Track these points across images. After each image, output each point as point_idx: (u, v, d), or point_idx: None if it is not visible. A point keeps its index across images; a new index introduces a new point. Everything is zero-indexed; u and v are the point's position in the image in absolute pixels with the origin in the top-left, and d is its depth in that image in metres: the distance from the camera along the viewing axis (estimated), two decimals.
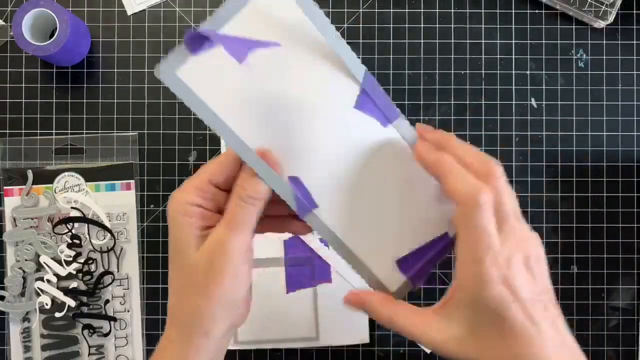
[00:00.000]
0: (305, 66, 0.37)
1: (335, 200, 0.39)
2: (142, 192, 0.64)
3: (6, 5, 0.64)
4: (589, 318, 0.64)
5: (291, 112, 0.37)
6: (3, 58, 0.64)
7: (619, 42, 0.64)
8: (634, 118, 0.64)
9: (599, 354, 0.63)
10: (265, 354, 0.64)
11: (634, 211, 0.64)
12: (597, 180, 0.64)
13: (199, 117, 0.35)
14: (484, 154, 0.37)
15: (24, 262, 0.62)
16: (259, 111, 0.37)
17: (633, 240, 0.64)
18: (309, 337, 0.63)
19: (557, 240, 0.64)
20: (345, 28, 0.64)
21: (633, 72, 0.64)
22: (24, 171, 0.63)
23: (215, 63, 0.35)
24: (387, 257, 0.40)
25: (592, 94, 0.64)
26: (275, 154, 0.37)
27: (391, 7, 0.64)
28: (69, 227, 0.63)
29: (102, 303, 0.63)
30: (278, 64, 0.37)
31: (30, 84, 0.64)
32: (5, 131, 0.64)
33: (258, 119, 0.37)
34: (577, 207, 0.64)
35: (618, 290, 0.64)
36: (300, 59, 0.37)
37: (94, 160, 0.64)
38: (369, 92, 0.38)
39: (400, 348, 0.64)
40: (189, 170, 0.64)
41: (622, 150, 0.64)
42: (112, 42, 0.64)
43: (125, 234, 0.63)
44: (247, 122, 0.36)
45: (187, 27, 0.64)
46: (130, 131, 0.64)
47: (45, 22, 0.60)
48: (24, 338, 0.63)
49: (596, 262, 0.64)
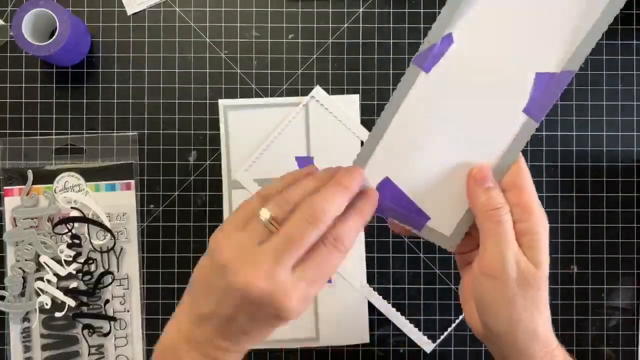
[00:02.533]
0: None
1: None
2: (142, 192, 0.64)
3: (6, 5, 0.64)
4: (589, 318, 0.64)
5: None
6: (3, 58, 0.64)
7: (619, 42, 0.64)
8: (634, 118, 0.64)
9: (599, 354, 0.63)
10: (265, 354, 0.64)
11: (634, 211, 0.64)
12: (597, 180, 0.64)
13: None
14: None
15: (24, 262, 0.62)
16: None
17: (633, 240, 0.64)
18: (309, 337, 0.63)
19: (557, 240, 0.64)
20: (345, 28, 0.64)
21: (633, 72, 0.64)
22: (24, 171, 0.63)
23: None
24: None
25: (592, 94, 0.64)
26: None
27: (391, 7, 0.64)
28: (69, 227, 0.63)
29: (102, 303, 0.63)
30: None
31: (30, 84, 0.64)
32: (5, 131, 0.64)
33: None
34: (577, 207, 0.64)
35: (618, 290, 0.64)
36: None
37: (94, 160, 0.64)
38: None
39: (400, 348, 0.64)
40: (189, 170, 0.64)
41: (622, 150, 0.64)
42: (112, 42, 0.64)
43: (125, 234, 0.63)
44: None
45: (187, 27, 0.64)
46: (130, 131, 0.64)
47: (45, 22, 0.60)
48: (24, 338, 0.63)
49: (596, 262, 0.64)
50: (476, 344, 0.63)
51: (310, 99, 0.63)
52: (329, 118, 0.63)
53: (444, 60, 0.41)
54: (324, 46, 0.64)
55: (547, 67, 0.40)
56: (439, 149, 0.42)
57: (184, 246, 0.64)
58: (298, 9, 0.64)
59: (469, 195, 0.41)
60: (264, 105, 0.64)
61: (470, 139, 0.41)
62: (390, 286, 0.64)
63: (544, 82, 0.40)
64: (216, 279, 0.38)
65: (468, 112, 0.41)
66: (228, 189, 0.64)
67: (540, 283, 0.40)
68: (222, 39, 0.64)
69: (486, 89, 0.41)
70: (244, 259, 0.37)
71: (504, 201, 0.40)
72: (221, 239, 0.39)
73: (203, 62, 0.64)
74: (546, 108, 0.40)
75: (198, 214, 0.64)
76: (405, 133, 0.42)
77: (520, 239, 0.40)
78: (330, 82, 0.64)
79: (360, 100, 0.64)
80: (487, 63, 0.41)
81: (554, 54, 0.40)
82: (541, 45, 0.40)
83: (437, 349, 0.63)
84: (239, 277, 0.37)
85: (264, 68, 0.64)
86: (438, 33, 0.41)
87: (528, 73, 0.40)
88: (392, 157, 0.41)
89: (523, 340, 0.40)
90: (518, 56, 0.40)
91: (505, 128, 0.41)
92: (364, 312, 0.63)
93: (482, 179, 0.41)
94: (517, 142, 0.41)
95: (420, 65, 0.41)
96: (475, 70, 0.41)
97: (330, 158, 0.62)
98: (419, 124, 0.42)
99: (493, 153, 0.41)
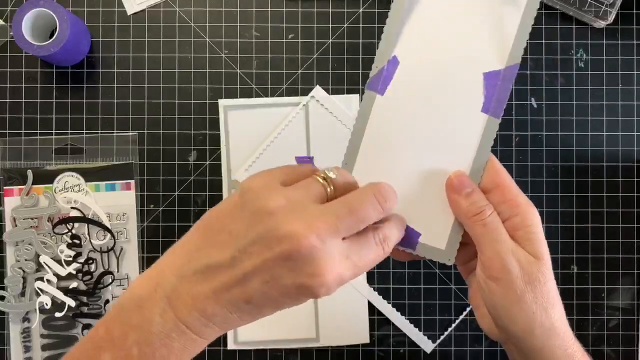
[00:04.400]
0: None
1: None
2: (142, 192, 0.64)
3: (6, 5, 0.64)
4: (589, 318, 0.64)
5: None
6: (3, 58, 0.64)
7: (619, 42, 0.64)
8: (634, 118, 0.64)
9: (599, 354, 0.63)
10: (265, 354, 0.64)
11: (634, 211, 0.64)
12: (597, 180, 0.64)
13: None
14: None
15: (24, 262, 0.62)
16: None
17: (633, 240, 0.64)
18: (309, 338, 0.63)
19: (557, 240, 0.64)
20: (345, 28, 0.64)
21: (633, 72, 0.64)
22: (24, 171, 0.63)
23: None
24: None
25: (592, 94, 0.64)
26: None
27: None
28: (68, 227, 0.63)
29: (102, 303, 0.63)
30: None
31: (30, 84, 0.64)
32: (5, 131, 0.64)
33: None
34: (577, 207, 0.64)
35: (618, 290, 0.64)
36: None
37: (93, 160, 0.64)
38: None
39: (400, 348, 0.64)
40: (189, 170, 0.64)
41: (622, 150, 0.64)
42: (112, 42, 0.64)
43: (125, 234, 0.63)
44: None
45: (187, 27, 0.64)
46: (130, 131, 0.64)
47: (45, 22, 0.60)
48: (24, 338, 0.63)
49: (596, 262, 0.64)
50: (476, 344, 0.63)
51: (310, 99, 0.63)
52: (329, 118, 0.63)
53: (395, 80, 0.42)
54: (324, 46, 0.64)
55: (492, 66, 0.42)
56: (412, 164, 0.42)
57: None
58: (298, 9, 0.64)
59: (452, 205, 0.41)
60: (264, 105, 0.64)
61: (440, 148, 0.42)
62: (390, 286, 0.64)
63: (492, 80, 0.41)
64: (248, 224, 0.34)
65: (430, 123, 0.42)
66: (228, 189, 0.64)
67: (546, 275, 0.40)
68: (222, 39, 0.64)
69: (441, 98, 0.42)
70: (298, 210, 0.34)
71: (486, 202, 0.40)
72: (264, 188, 0.35)
73: (203, 62, 0.64)
74: (502, 103, 0.41)
75: (198, 214, 0.64)
76: (376, 155, 0.43)
77: (515, 235, 0.40)
78: (330, 82, 0.64)
79: (360, 101, 0.63)
80: (436, 74, 0.42)
81: (495, 52, 0.41)
82: (481, 46, 0.42)
83: (437, 349, 0.63)
84: (288, 225, 0.33)
85: (264, 68, 0.64)
86: (383, 57, 0.43)
87: (476, 75, 0.42)
88: (368, 180, 0.41)
89: (541, 336, 0.40)
90: (463, 61, 0.42)
91: (469, 131, 0.42)
92: (364, 312, 0.63)
93: (460, 185, 0.41)
94: (484, 142, 0.42)
95: (375, 89, 0.43)
96: (427, 83, 0.42)
97: (330, 158, 0.62)
98: (387, 144, 0.42)
99: (465, 157, 0.42)
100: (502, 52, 0.41)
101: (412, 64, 0.42)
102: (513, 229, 0.40)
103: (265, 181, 0.36)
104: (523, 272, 0.39)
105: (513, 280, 0.39)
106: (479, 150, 0.42)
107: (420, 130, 0.42)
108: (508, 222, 0.40)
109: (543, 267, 0.40)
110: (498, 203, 0.40)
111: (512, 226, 0.40)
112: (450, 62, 0.42)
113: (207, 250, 0.35)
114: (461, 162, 0.42)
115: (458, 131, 0.42)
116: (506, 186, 0.41)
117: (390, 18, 0.43)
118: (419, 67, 0.42)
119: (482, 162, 0.42)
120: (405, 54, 0.42)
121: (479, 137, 0.42)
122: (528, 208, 0.40)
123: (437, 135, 0.42)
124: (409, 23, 0.43)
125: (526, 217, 0.40)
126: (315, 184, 0.36)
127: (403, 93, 0.42)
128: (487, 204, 0.40)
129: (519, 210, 0.40)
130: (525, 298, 0.39)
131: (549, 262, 0.40)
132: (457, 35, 0.42)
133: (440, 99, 0.42)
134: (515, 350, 0.43)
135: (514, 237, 0.40)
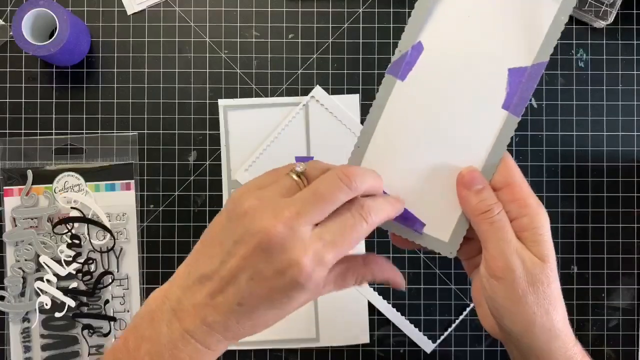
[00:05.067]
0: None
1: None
2: (142, 192, 0.64)
3: (6, 5, 0.64)
4: (589, 318, 0.64)
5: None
6: (3, 58, 0.64)
7: (619, 42, 0.64)
8: (634, 118, 0.64)
9: (599, 354, 0.63)
10: (265, 354, 0.64)
11: (634, 211, 0.64)
12: (597, 180, 0.64)
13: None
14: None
15: (24, 262, 0.62)
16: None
17: (633, 240, 0.64)
18: (309, 338, 0.63)
19: (557, 240, 0.64)
20: (345, 28, 0.64)
21: (633, 72, 0.64)
22: (24, 171, 0.63)
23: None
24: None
25: (592, 94, 0.64)
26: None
27: (391, 7, 0.64)
28: (68, 227, 0.63)
29: (101, 303, 0.63)
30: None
31: (30, 84, 0.64)
32: (5, 131, 0.64)
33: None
34: (577, 207, 0.64)
35: (618, 290, 0.64)
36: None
37: (93, 160, 0.64)
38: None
39: (400, 348, 0.64)
40: (189, 171, 0.64)
41: (622, 150, 0.64)
42: (112, 42, 0.64)
43: (125, 234, 0.63)
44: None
45: (187, 27, 0.64)
46: (130, 131, 0.64)
47: (45, 22, 0.60)
48: (24, 338, 0.62)
49: (596, 262, 0.64)
50: (476, 344, 0.63)
51: (310, 99, 0.63)
52: (329, 118, 0.63)
53: (417, 67, 0.42)
54: (324, 46, 0.64)
55: (518, 62, 0.41)
56: (425, 154, 0.42)
57: (183, 246, 0.64)
58: (298, 9, 0.64)
59: (460, 200, 0.41)
60: (264, 105, 0.64)
61: (454, 141, 0.42)
62: (390, 286, 0.63)
63: (517, 76, 0.41)
64: (231, 229, 0.36)
65: (448, 115, 0.41)
66: (228, 189, 0.64)
67: (550, 277, 0.40)
68: (222, 39, 0.64)
69: (462, 90, 0.41)
70: (266, 207, 0.36)
71: (495, 200, 0.40)
72: (242, 194, 0.37)
73: (203, 62, 0.64)
74: (524, 102, 0.41)
75: (198, 214, 0.64)
76: (390, 142, 0.42)
77: (521, 235, 0.40)
78: (330, 82, 0.64)
79: (360, 100, 0.63)
80: (459, 65, 0.41)
81: (522, 48, 0.41)
82: (509, 41, 0.41)
83: (437, 349, 0.63)
84: (259, 220, 0.35)
85: (264, 68, 0.64)
86: (407, 42, 0.42)
87: (501, 70, 0.41)
88: (379, 166, 0.41)
89: (541, 338, 0.40)
90: (489, 55, 0.41)
91: (487, 126, 0.41)
92: (364, 312, 0.63)
93: (471, 181, 0.40)
94: (501, 139, 0.41)
95: (395, 74, 0.42)
96: (449, 73, 0.41)
97: (330, 158, 0.62)
98: (402, 132, 0.42)
99: (479, 153, 0.41)
100: (531, 48, 0.40)
101: (437, 51, 0.41)
102: (520, 229, 0.40)
103: (246, 188, 0.38)
104: (526, 273, 0.39)
105: (515, 281, 0.39)
106: (494, 146, 0.41)
107: (437, 120, 0.41)
108: (516, 222, 0.40)
109: (547, 270, 0.40)
110: (507, 202, 0.40)
111: (519, 226, 0.40)
112: (475, 53, 0.41)
113: (203, 260, 0.37)
114: (475, 157, 0.41)
115: (475, 125, 0.41)
116: (517, 185, 0.40)
117: (419, 3, 0.42)
118: (443, 55, 0.41)
119: (496, 159, 0.41)
120: (430, 40, 0.41)
121: (496, 134, 0.41)
122: (538, 209, 0.40)
123: (454, 127, 0.41)
124: (438, 9, 0.41)
125: (535, 218, 0.40)
126: (285, 179, 0.38)
127: (424, 80, 0.41)
128: (496, 202, 0.40)
129: (528, 211, 0.40)
130: (526, 299, 0.39)
131: (554, 264, 0.40)
132: (486, 26, 0.41)
133: (461, 90, 0.41)
134: (515, 350, 0.43)
135: (521, 238, 0.40)
